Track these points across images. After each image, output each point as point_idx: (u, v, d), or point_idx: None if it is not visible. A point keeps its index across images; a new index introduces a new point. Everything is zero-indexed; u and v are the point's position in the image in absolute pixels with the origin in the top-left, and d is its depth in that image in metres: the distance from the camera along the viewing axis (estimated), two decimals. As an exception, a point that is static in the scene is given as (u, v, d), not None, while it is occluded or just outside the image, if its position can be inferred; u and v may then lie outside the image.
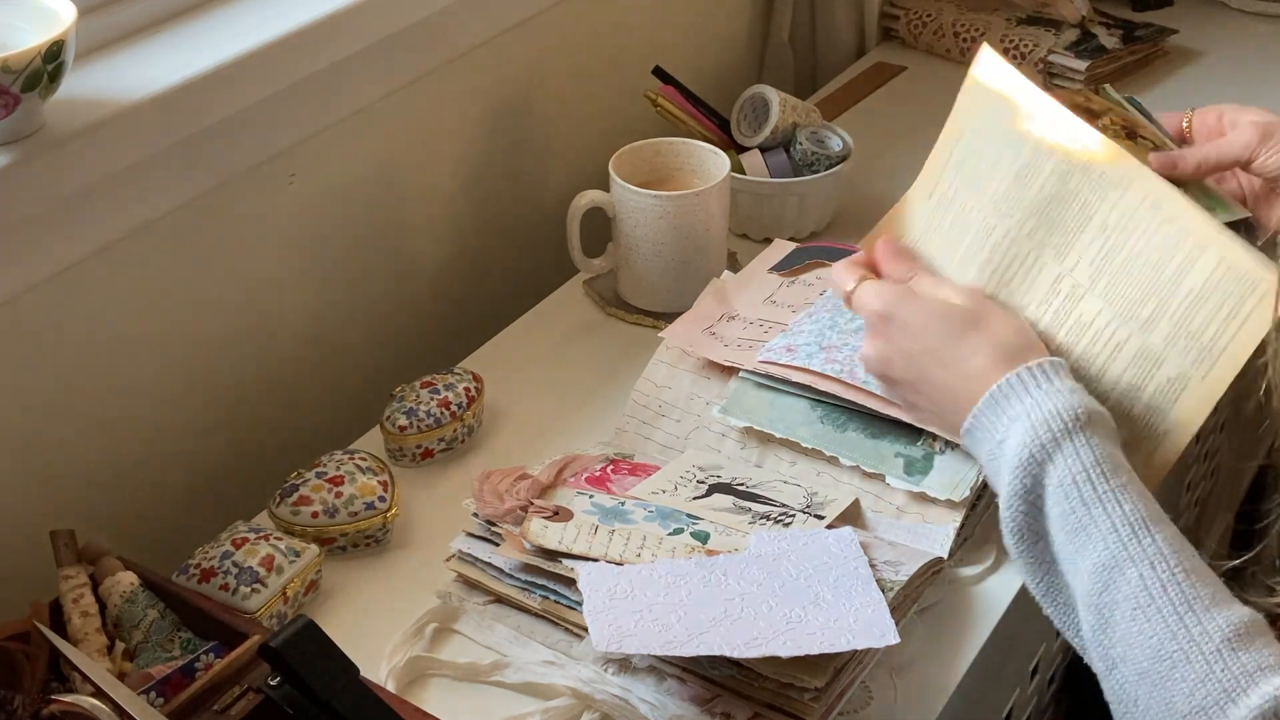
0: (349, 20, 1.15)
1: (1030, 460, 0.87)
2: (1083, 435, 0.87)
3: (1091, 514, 0.85)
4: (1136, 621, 0.81)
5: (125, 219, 1.07)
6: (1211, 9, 1.88)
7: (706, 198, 1.28)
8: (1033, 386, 0.90)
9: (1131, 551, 0.83)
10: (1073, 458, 0.86)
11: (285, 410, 1.27)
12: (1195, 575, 0.82)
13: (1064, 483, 0.86)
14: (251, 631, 0.91)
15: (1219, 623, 0.80)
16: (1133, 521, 0.84)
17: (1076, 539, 0.85)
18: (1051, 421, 0.87)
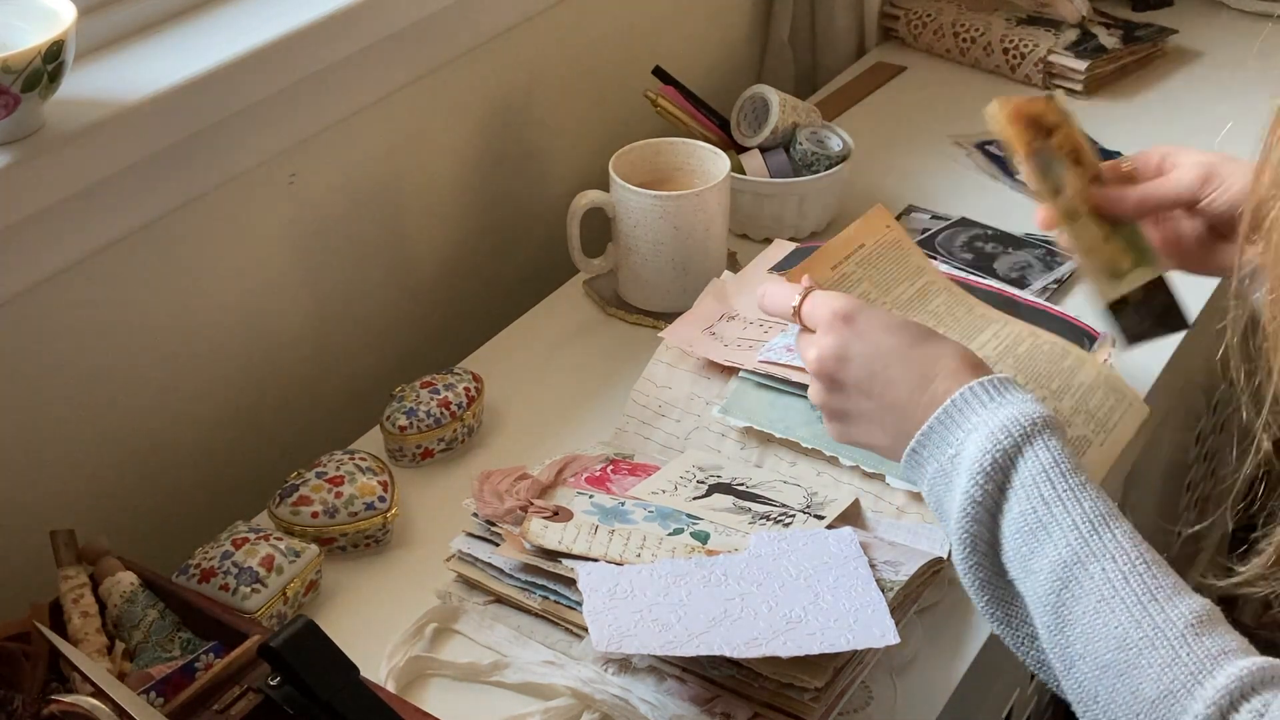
0: (349, 20, 1.15)
1: (993, 465, 0.86)
2: (1041, 438, 0.87)
3: (1052, 512, 0.85)
4: (1100, 614, 0.81)
5: (125, 219, 1.07)
6: (1211, 9, 1.88)
7: (706, 198, 1.28)
8: (986, 400, 0.89)
9: (1093, 547, 0.83)
10: (1033, 459, 0.86)
11: (285, 410, 1.27)
12: (1156, 566, 0.83)
13: (1025, 483, 0.86)
14: (251, 631, 0.91)
15: (1181, 610, 0.80)
16: (1093, 518, 0.84)
17: (1035, 538, 0.85)
18: (1011, 426, 0.87)
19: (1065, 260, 1.38)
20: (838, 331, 0.95)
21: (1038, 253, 1.39)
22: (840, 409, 0.96)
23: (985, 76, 1.74)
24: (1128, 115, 1.66)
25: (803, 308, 0.98)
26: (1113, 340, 1.15)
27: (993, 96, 1.80)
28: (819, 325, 0.96)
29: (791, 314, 0.98)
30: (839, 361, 0.95)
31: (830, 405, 0.97)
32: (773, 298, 1.01)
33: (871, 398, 0.94)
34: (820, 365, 0.96)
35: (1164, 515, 1.62)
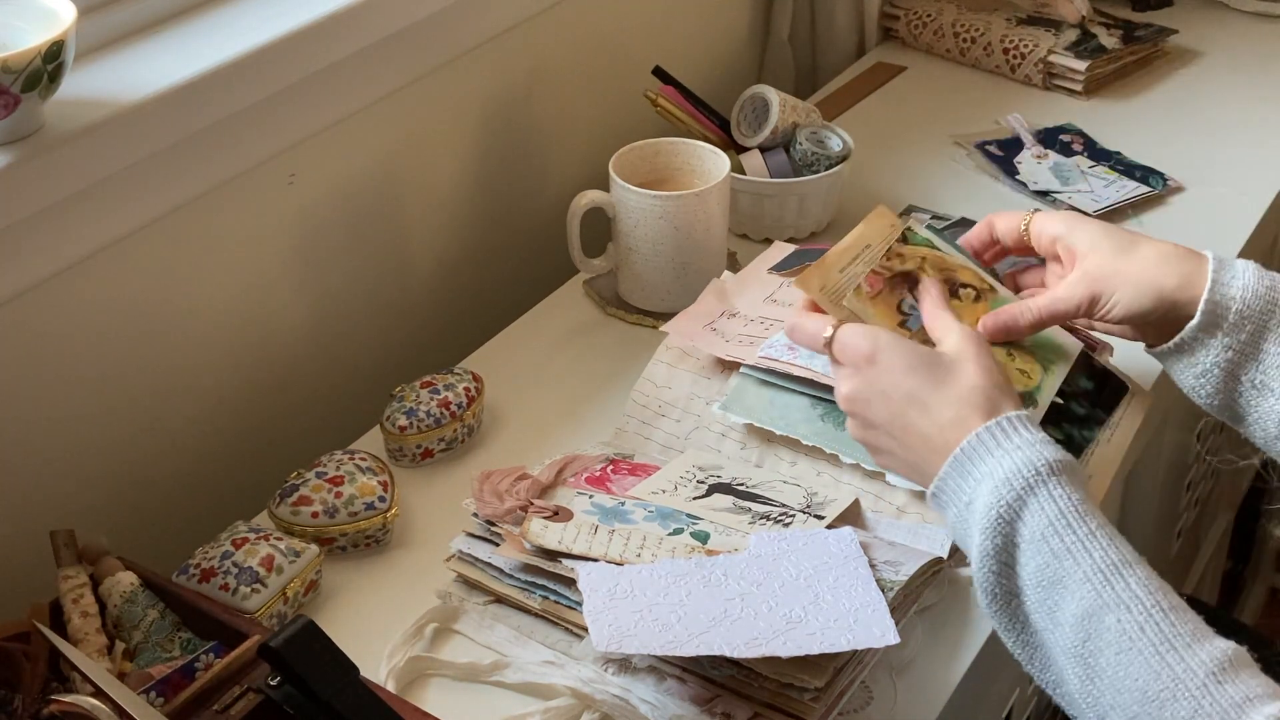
0: (349, 20, 1.16)
1: (999, 520, 0.86)
2: (1046, 488, 0.86)
3: (1063, 565, 0.84)
4: (1121, 666, 0.81)
5: (125, 219, 1.07)
6: (1211, 9, 1.88)
7: (706, 198, 1.28)
8: (993, 446, 0.89)
9: (1106, 598, 0.82)
10: (1038, 511, 0.85)
11: (285, 410, 1.27)
12: (1174, 613, 0.82)
13: (1033, 538, 0.85)
14: (251, 631, 0.91)
15: (1201, 658, 0.80)
16: (1104, 568, 0.83)
17: (1053, 593, 0.84)
18: (1014, 479, 0.86)
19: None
20: (862, 373, 0.97)
21: (1038, 253, 1.39)
22: (873, 444, 0.98)
23: (985, 76, 1.74)
24: (1128, 115, 1.66)
25: (832, 343, 0.99)
26: (1110, 350, 1.15)
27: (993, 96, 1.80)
28: (846, 363, 0.98)
29: (823, 347, 1.00)
30: (864, 403, 0.96)
31: (865, 439, 0.99)
32: (803, 331, 1.02)
33: (895, 438, 0.95)
34: (848, 404, 0.98)
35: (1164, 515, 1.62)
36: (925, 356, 0.96)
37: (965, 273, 1.10)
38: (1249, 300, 0.99)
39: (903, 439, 0.95)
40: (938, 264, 1.09)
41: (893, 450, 0.96)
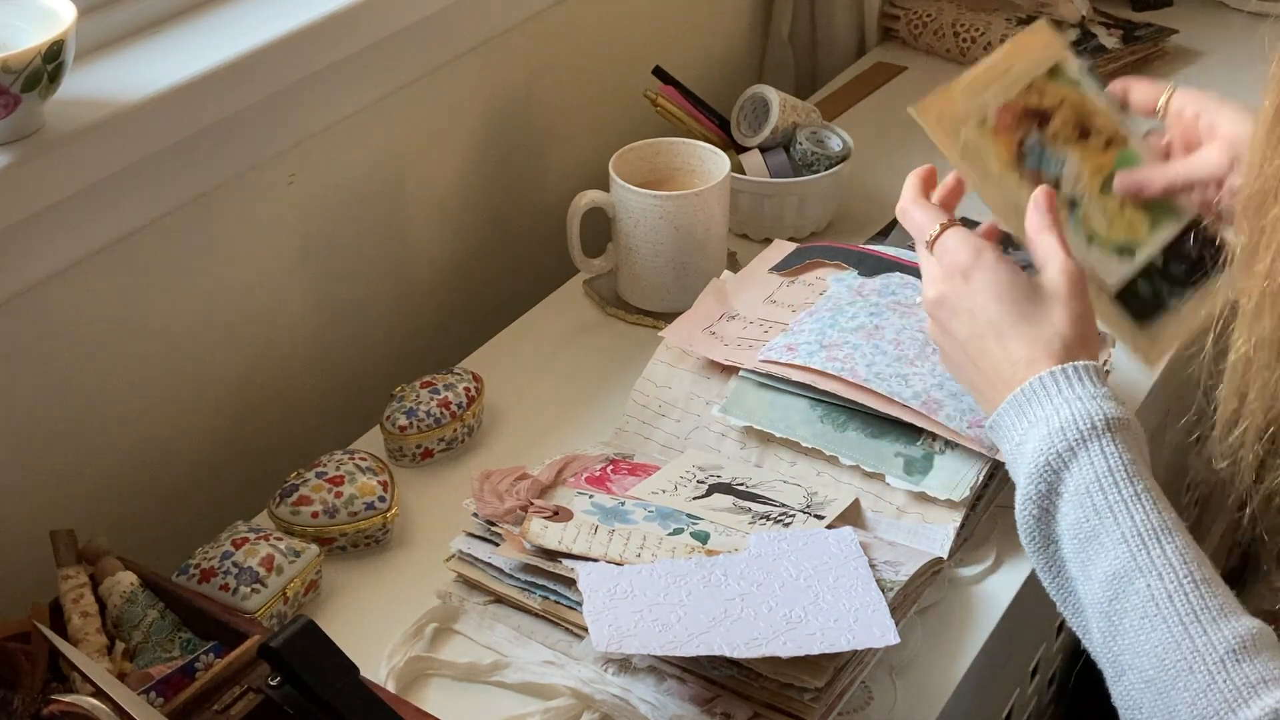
0: (349, 20, 1.15)
1: (1046, 467, 0.87)
2: (1098, 442, 0.86)
3: (1103, 522, 0.84)
4: (1144, 630, 0.81)
5: (125, 219, 1.07)
6: (1211, 9, 1.88)
7: (706, 198, 1.28)
8: (1054, 393, 0.89)
9: (1140, 562, 0.82)
10: (1087, 465, 0.86)
11: (285, 410, 1.27)
12: (1205, 585, 0.82)
13: (1078, 490, 0.86)
14: (251, 631, 0.91)
15: (1225, 634, 0.80)
16: (1143, 531, 0.83)
17: (1089, 547, 0.85)
18: (1067, 429, 0.87)
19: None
20: (954, 284, 0.97)
21: (1038, 253, 1.39)
22: (946, 350, 1.00)
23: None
24: (1128, 115, 1.66)
25: (935, 243, 0.99)
26: (1112, 341, 1.15)
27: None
28: (942, 269, 0.99)
29: (925, 244, 1.00)
30: (949, 313, 0.97)
31: (939, 342, 1.00)
32: (911, 220, 1.02)
33: (968, 355, 0.96)
34: (933, 307, 0.99)
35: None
36: (1020, 286, 0.96)
37: (1102, 118, 1.09)
38: None
39: (976, 359, 0.96)
40: (1078, 107, 1.08)
41: (962, 365, 0.98)
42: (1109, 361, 1.13)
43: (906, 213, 1.03)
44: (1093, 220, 1.11)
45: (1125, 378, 1.22)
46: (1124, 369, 1.21)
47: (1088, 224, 1.10)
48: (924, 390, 1.06)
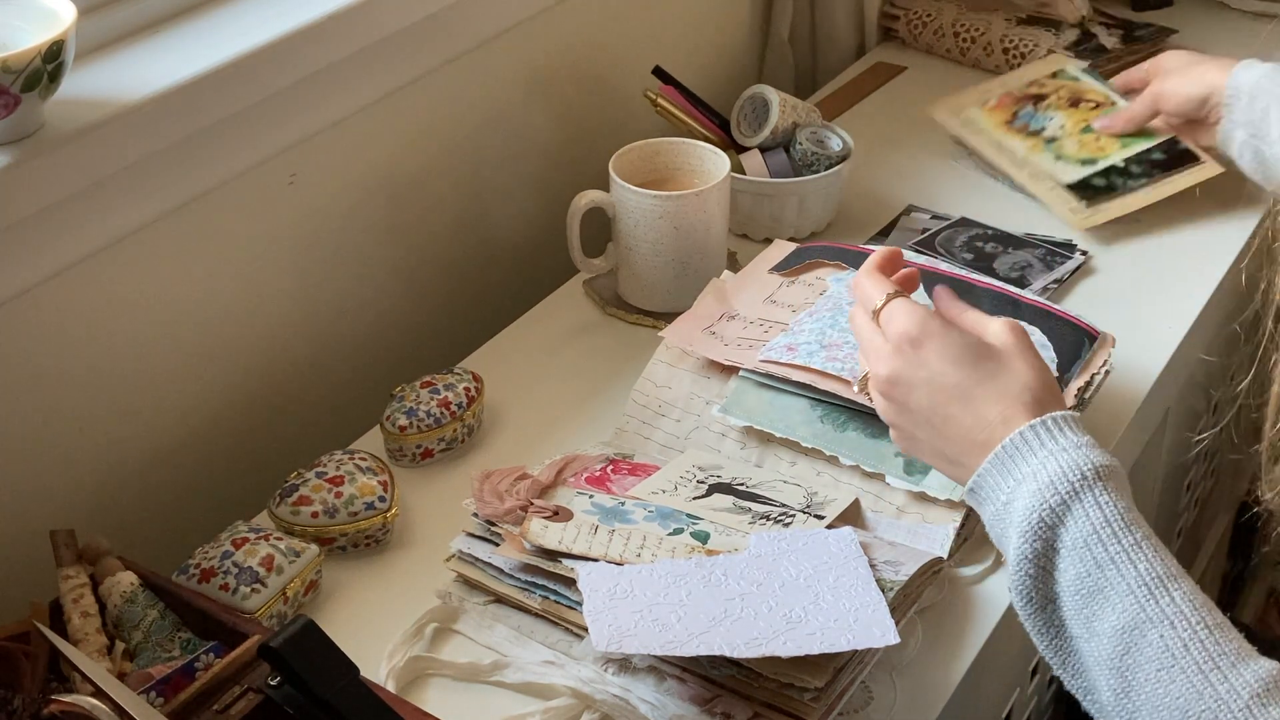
0: (349, 20, 1.16)
1: (1040, 524, 0.84)
2: (1091, 494, 0.84)
3: (1106, 576, 0.82)
4: (1161, 684, 0.79)
5: (125, 219, 1.07)
6: (1211, 9, 1.88)
7: (706, 198, 1.28)
8: (1037, 447, 0.87)
9: (1150, 612, 0.81)
10: (1083, 518, 0.83)
11: (285, 410, 1.27)
12: (1218, 631, 0.80)
13: (1075, 545, 0.83)
14: (251, 631, 0.91)
15: (1246, 678, 0.78)
16: (1149, 581, 0.81)
17: (1093, 602, 0.82)
18: (1058, 483, 0.85)
19: (1065, 260, 1.38)
20: (904, 356, 0.94)
21: (1038, 253, 1.39)
22: (905, 429, 0.96)
23: (985, 76, 1.74)
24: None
25: (880, 312, 0.97)
26: (1112, 340, 1.15)
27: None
28: (890, 339, 0.95)
29: (872, 314, 0.98)
30: (906, 388, 0.94)
31: (894, 422, 0.97)
32: (863, 290, 0.99)
33: (932, 427, 0.93)
34: (887, 386, 0.95)
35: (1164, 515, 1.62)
36: (973, 348, 0.93)
37: (1095, 94, 1.51)
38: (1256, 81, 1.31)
39: (941, 429, 0.93)
40: (1072, 90, 1.52)
41: (926, 440, 0.94)
42: (1108, 362, 1.13)
43: (858, 283, 1.00)
44: (1064, 147, 1.47)
45: (1126, 378, 1.22)
46: (1124, 369, 1.21)
47: (1058, 149, 1.47)
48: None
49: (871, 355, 0.97)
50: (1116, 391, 1.21)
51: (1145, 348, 1.27)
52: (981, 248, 1.41)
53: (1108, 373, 1.13)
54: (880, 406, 0.97)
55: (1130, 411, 1.21)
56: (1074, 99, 1.52)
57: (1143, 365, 1.26)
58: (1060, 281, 1.36)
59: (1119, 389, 1.22)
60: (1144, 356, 1.26)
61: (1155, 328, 1.30)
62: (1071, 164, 1.47)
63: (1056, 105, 1.52)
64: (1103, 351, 1.14)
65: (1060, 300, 1.34)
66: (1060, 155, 1.47)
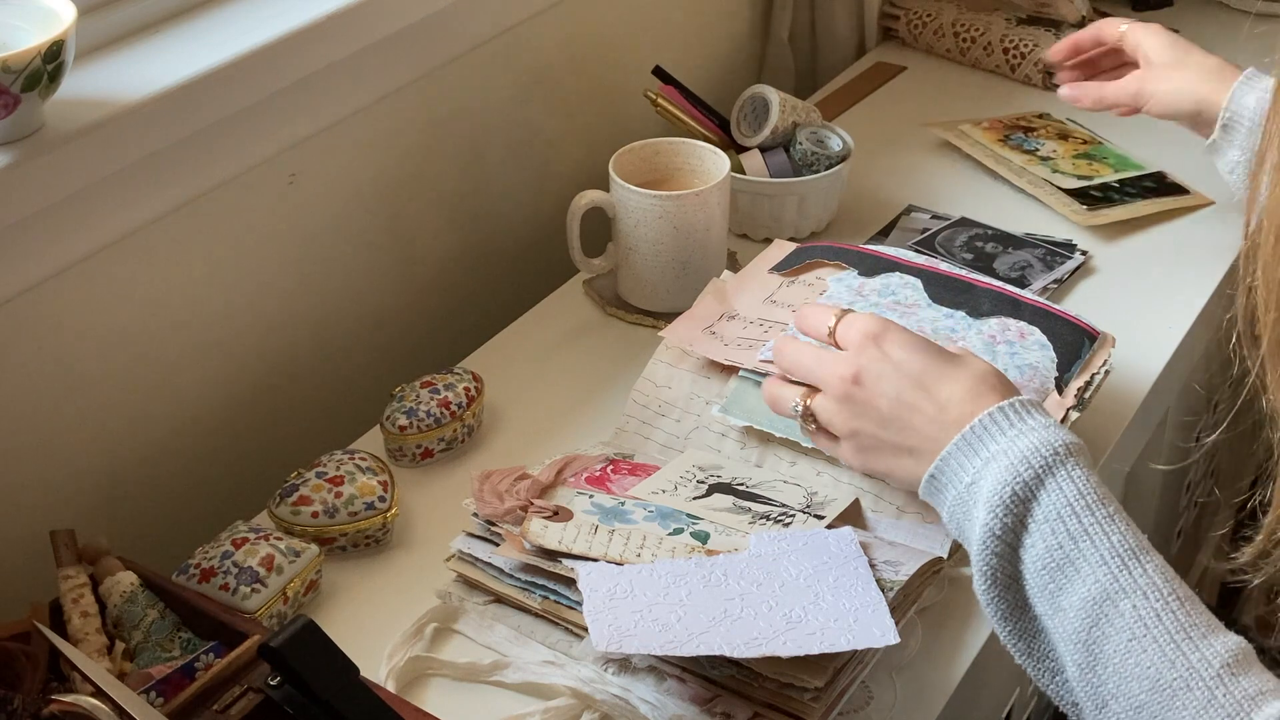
0: (349, 20, 1.16)
1: (1013, 498, 0.85)
2: (1064, 468, 0.85)
3: (1080, 547, 0.83)
4: (1132, 654, 0.80)
5: (125, 219, 1.07)
6: (1211, 9, 1.88)
7: (706, 198, 1.28)
8: (1006, 426, 0.88)
9: (1123, 583, 0.81)
10: (1056, 493, 0.84)
11: (285, 410, 1.27)
12: (1189, 603, 0.81)
13: (1049, 517, 0.84)
14: (251, 631, 0.91)
15: (1216, 649, 0.79)
16: (1122, 553, 0.82)
17: (1061, 574, 0.83)
18: (1032, 458, 0.85)
19: (1065, 260, 1.38)
20: (868, 352, 0.96)
21: (1038, 252, 1.39)
22: (865, 433, 0.96)
23: (985, 76, 1.74)
24: (1128, 115, 1.66)
25: (837, 329, 0.99)
26: (1112, 341, 1.15)
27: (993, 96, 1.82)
28: (849, 346, 0.97)
29: (827, 336, 0.99)
30: (874, 378, 0.95)
31: (852, 430, 0.97)
32: (809, 319, 1.02)
33: (896, 421, 0.94)
34: (848, 385, 0.96)
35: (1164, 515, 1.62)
36: (930, 343, 0.96)
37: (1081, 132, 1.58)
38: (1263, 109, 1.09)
39: (906, 420, 0.93)
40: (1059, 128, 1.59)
41: (887, 437, 0.94)
42: (1108, 362, 1.13)
43: (803, 315, 1.03)
44: (1059, 165, 1.51)
45: (1126, 378, 1.22)
46: (1124, 369, 1.21)
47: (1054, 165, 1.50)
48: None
49: (828, 364, 0.98)
50: (1116, 391, 1.21)
51: (1145, 348, 1.27)
52: (981, 248, 1.41)
53: (1107, 373, 1.13)
54: (837, 418, 0.98)
55: (1130, 411, 1.21)
56: (1062, 134, 1.58)
57: (1143, 365, 1.26)
58: (1060, 281, 1.36)
59: (1119, 389, 1.22)
60: (1144, 356, 1.26)
61: (1155, 328, 1.30)
62: (1068, 176, 1.50)
63: (1046, 135, 1.58)
64: (1103, 351, 1.14)
65: (1060, 300, 1.34)
66: (1057, 170, 1.51)
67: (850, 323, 0.98)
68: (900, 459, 0.95)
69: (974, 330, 1.13)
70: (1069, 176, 1.50)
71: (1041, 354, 1.11)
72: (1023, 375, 1.09)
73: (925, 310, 1.15)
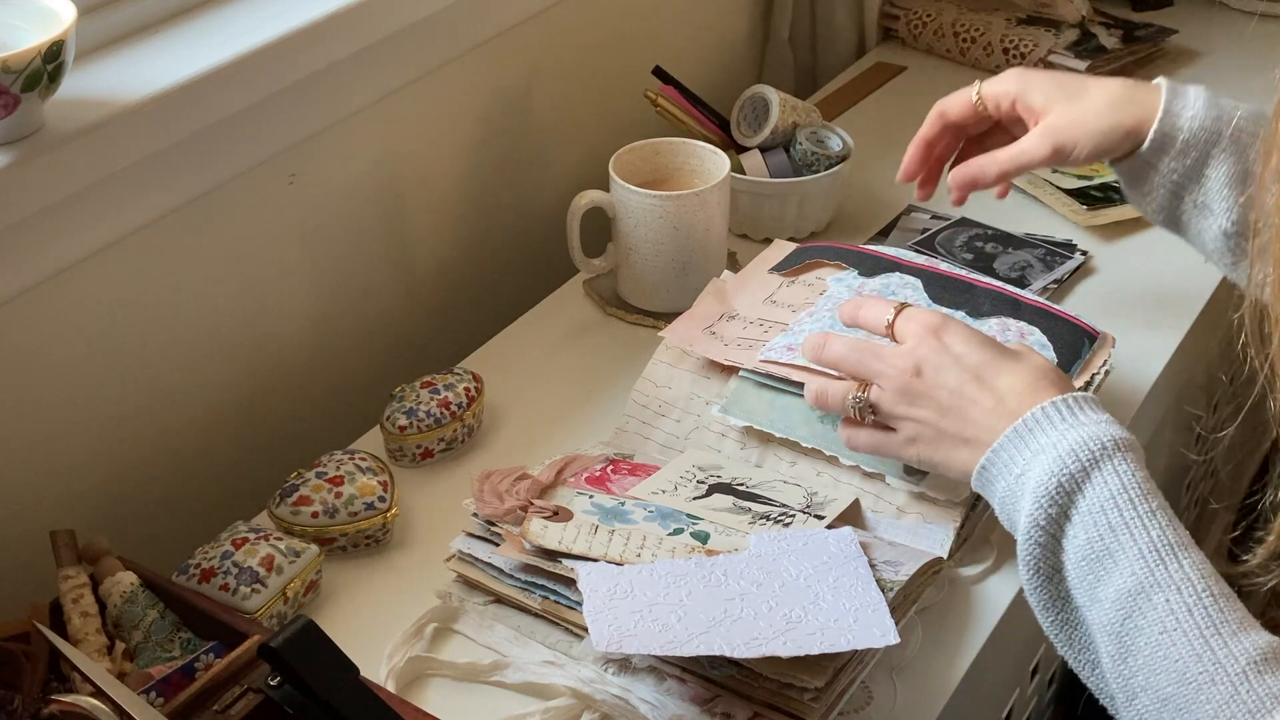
0: (349, 20, 1.15)
1: (1059, 489, 0.86)
2: (1110, 462, 0.86)
3: (1119, 539, 0.83)
4: (1162, 646, 0.81)
5: (125, 219, 1.07)
6: (1211, 9, 1.88)
7: (706, 198, 1.28)
8: (1058, 420, 0.89)
9: (1159, 577, 0.82)
10: (1100, 485, 0.85)
11: (285, 410, 1.27)
12: (1223, 600, 0.81)
13: (1090, 510, 0.85)
14: (251, 631, 0.91)
15: (1245, 646, 0.79)
16: (1160, 547, 0.83)
17: (1100, 565, 0.84)
18: (1080, 451, 0.86)
19: (1065, 260, 1.38)
20: (929, 343, 0.97)
21: (1038, 252, 1.39)
22: (921, 419, 0.97)
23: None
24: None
25: (896, 323, 0.99)
26: (1112, 341, 1.15)
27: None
28: (909, 338, 0.98)
29: (885, 329, 1.00)
30: (935, 368, 0.96)
31: (911, 415, 0.97)
32: (868, 313, 1.02)
33: (953, 411, 0.95)
34: (909, 377, 0.97)
35: (1164, 515, 1.62)
36: (990, 338, 0.97)
37: None
38: (1195, 130, 1.09)
39: (964, 410, 0.94)
40: None
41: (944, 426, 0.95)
42: (1108, 362, 1.13)
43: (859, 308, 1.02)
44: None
45: (1126, 378, 1.22)
46: (1124, 369, 1.21)
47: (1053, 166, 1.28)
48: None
49: (888, 357, 0.99)
50: (1116, 391, 1.21)
51: (1145, 348, 1.27)
52: (981, 248, 1.41)
53: (1107, 373, 1.13)
54: (897, 408, 0.98)
55: (1130, 411, 1.21)
56: None
57: (1143, 365, 1.26)
58: (1060, 281, 1.36)
59: (1119, 389, 1.22)
60: (1144, 356, 1.26)
61: (1155, 328, 1.30)
62: (1068, 176, 1.50)
63: None
64: (1103, 351, 1.14)
65: (1060, 300, 1.34)
66: (1056, 169, 1.50)
67: (911, 316, 0.99)
68: (957, 450, 0.95)
69: (974, 330, 1.13)
70: (1069, 176, 1.50)
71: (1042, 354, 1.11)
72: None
73: (925, 311, 1.15)
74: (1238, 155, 1.08)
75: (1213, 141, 1.08)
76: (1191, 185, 1.09)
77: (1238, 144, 1.08)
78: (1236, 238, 1.07)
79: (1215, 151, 1.08)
